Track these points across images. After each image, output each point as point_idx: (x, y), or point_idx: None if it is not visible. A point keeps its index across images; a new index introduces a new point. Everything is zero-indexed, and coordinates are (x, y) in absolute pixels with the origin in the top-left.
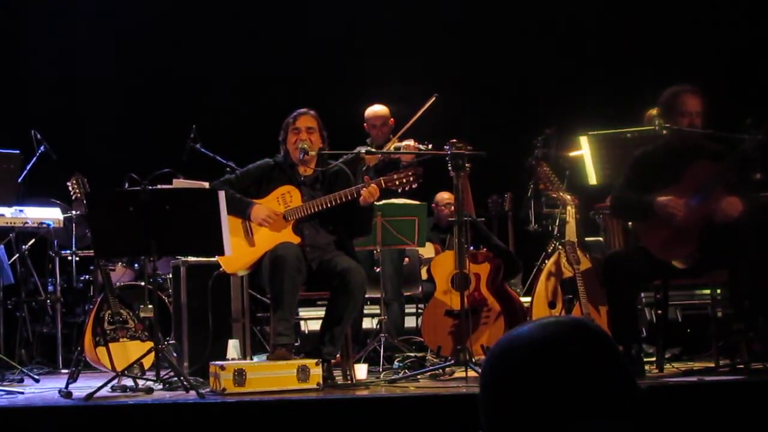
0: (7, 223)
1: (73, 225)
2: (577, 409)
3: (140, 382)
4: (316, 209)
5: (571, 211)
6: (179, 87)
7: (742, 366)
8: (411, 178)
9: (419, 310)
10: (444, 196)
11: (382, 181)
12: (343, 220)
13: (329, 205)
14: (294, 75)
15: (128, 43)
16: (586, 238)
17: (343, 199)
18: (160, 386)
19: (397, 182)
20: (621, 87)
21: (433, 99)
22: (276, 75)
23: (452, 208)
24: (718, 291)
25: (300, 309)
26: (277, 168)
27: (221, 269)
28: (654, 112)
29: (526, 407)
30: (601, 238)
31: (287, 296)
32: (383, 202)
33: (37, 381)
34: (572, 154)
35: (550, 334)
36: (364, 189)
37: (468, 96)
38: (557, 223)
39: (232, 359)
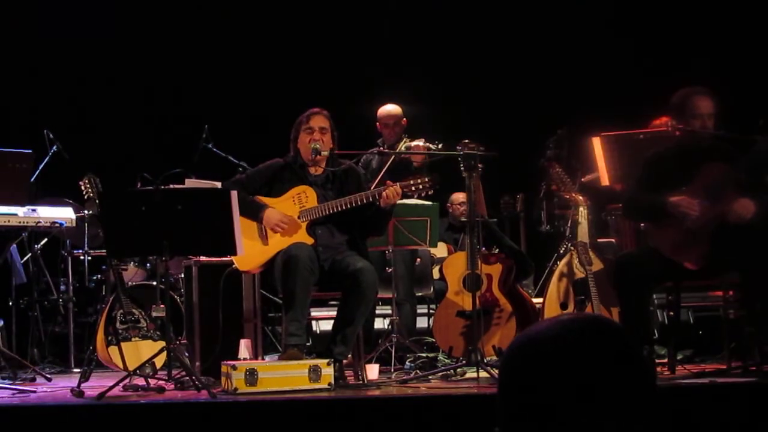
0: (19, 222)
1: (86, 225)
2: (594, 408)
3: (152, 382)
4: (332, 211)
5: (583, 212)
6: (192, 87)
7: (754, 368)
8: (428, 184)
9: (431, 311)
10: (458, 196)
11: (399, 187)
12: (357, 220)
13: (346, 207)
14: (303, 74)
15: (141, 42)
16: (598, 239)
17: (361, 202)
18: (172, 386)
19: (413, 188)
20: (634, 88)
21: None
22: (286, 74)
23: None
24: (730, 292)
25: (311, 309)
26: (288, 168)
27: (233, 266)
28: (659, 122)
29: (542, 405)
30: (613, 239)
31: (299, 297)
32: None
33: (50, 380)
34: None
35: (568, 331)
36: (386, 191)
37: (480, 96)
38: (569, 224)
39: (244, 359)
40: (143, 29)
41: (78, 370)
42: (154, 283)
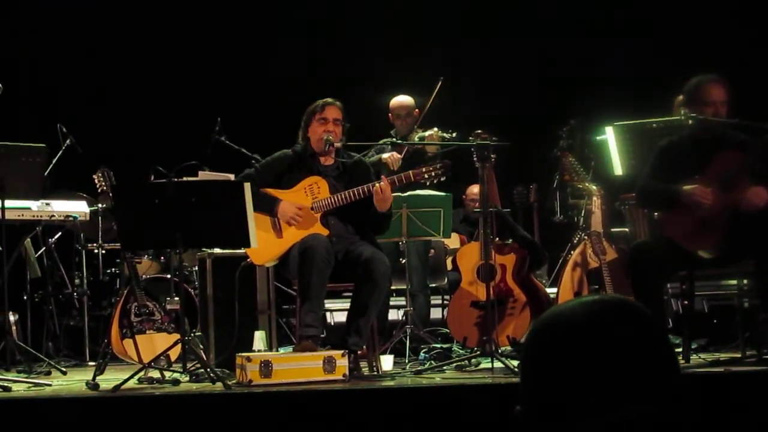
0: (33, 216)
1: (100, 218)
2: (620, 388)
3: (167, 374)
4: (344, 201)
5: (596, 201)
6: (204, 79)
7: None
8: (440, 171)
9: (445, 302)
10: (474, 190)
11: (411, 174)
12: (366, 214)
13: (356, 198)
14: (317, 65)
15: (153, 35)
16: (612, 229)
17: (366, 194)
18: (187, 378)
19: (425, 175)
20: (647, 77)
21: (440, 83)
22: (300, 66)
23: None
24: (745, 281)
25: (326, 301)
26: (297, 158)
27: (248, 260)
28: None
29: (564, 385)
30: (626, 229)
31: (315, 288)
32: (408, 193)
33: (65, 373)
34: (598, 138)
35: (593, 312)
36: (376, 186)
37: (493, 87)
38: (583, 214)
39: (258, 351)
40: (156, 22)
41: (93, 363)
42: (168, 275)
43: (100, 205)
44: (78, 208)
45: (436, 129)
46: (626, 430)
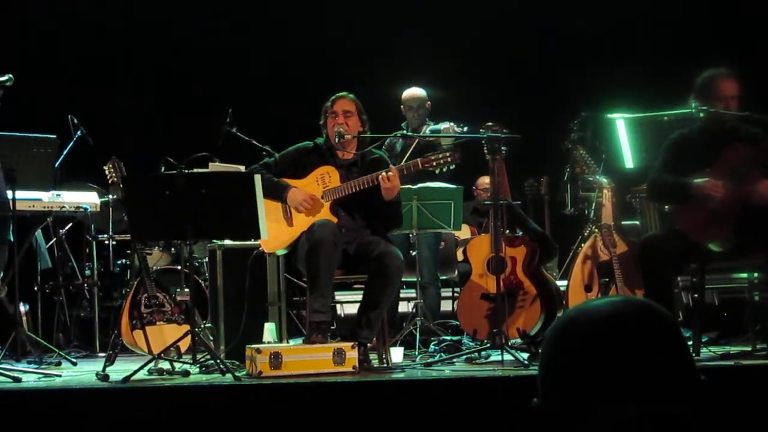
0: (44, 207)
1: (110, 209)
2: (633, 391)
3: (177, 365)
4: (354, 190)
5: (607, 194)
6: (216, 70)
7: None
8: (448, 159)
9: (455, 294)
10: (484, 180)
11: (420, 162)
12: (376, 209)
13: (365, 186)
14: (330, 59)
15: (164, 26)
16: (623, 222)
17: (376, 181)
18: (197, 369)
19: (434, 163)
20: (659, 69)
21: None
22: (313, 59)
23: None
24: (755, 274)
25: (336, 292)
26: (316, 150)
27: (260, 248)
28: None
29: (583, 380)
30: (637, 222)
31: (324, 272)
32: (419, 185)
33: (75, 364)
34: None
35: (616, 311)
36: (382, 174)
37: (504, 79)
38: (593, 207)
39: (268, 342)
40: (166, 13)
41: (103, 354)
42: (179, 267)
43: (110, 196)
44: (89, 199)
45: (447, 122)
46: (641, 429)
